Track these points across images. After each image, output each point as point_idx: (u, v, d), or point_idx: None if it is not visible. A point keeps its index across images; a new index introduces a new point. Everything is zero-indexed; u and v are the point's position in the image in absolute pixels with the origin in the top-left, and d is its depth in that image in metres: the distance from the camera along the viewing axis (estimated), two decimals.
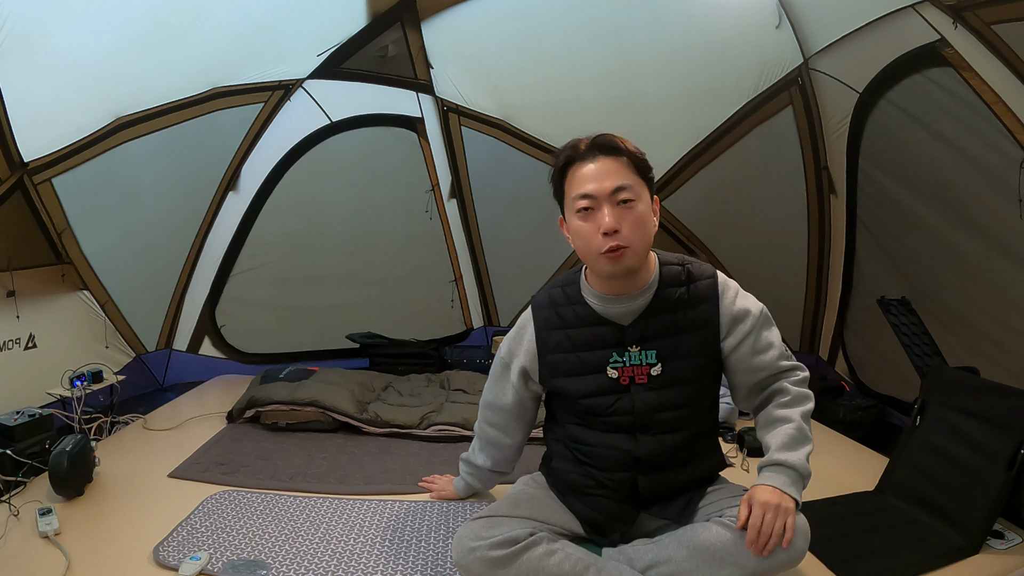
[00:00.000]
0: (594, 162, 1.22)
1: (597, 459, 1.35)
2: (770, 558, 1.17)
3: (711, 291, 1.31)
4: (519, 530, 1.27)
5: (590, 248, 1.23)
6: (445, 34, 3.08)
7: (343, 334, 3.43)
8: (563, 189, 1.28)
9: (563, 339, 1.34)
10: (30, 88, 2.21)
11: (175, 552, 1.44)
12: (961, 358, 2.19)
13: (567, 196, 1.26)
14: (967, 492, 1.58)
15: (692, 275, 1.32)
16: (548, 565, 1.22)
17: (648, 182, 1.27)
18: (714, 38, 2.84)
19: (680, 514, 1.33)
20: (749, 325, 1.32)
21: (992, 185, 2.05)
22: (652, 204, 1.26)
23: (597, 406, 1.32)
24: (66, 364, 2.47)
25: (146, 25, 2.41)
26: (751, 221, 3.34)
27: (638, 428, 1.31)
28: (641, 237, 1.22)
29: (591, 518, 1.37)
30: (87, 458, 1.80)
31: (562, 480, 1.41)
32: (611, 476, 1.34)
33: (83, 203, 2.66)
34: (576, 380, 1.33)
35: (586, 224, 1.22)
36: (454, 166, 3.56)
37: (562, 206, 1.30)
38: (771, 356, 1.35)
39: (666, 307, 1.29)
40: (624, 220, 1.20)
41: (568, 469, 1.40)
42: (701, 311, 1.30)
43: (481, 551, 1.23)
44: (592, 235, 1.21)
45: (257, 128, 3.10)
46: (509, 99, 3.31)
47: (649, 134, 3.26)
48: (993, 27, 1.87)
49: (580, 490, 1.38)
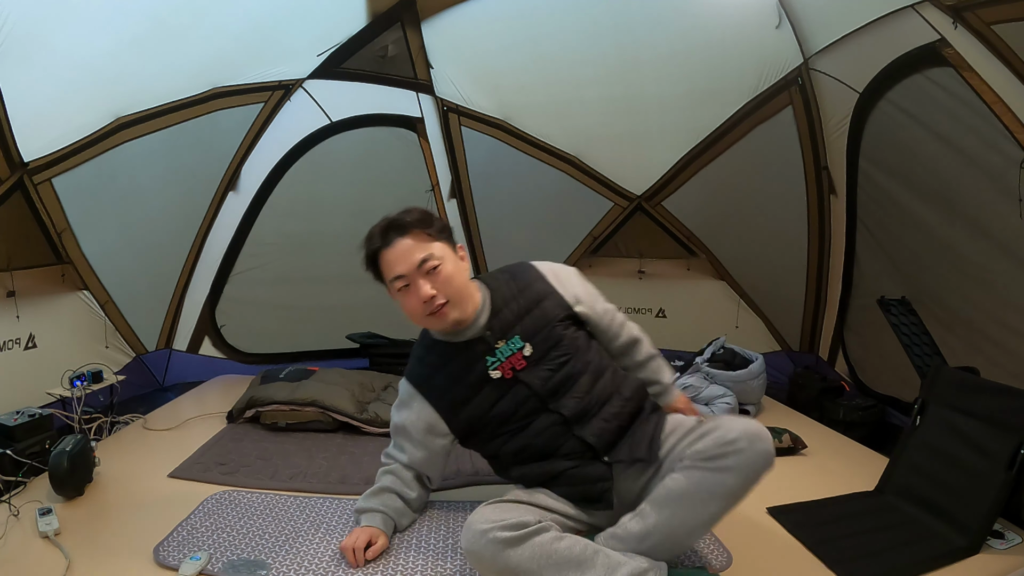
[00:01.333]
0: (394, 245, 1.43)
1: (543, 448, 1.44)
2: (744, 467, 1.25)
3: (532, 272, 1.56)
4: (528, 516, 1.30)
5: (418, 315, 1.44)
6: (445, 34, 3.08)
7: (343, 334, 3.43)
8: (379, 272, 1.48)
9: (444, 379, 1.49)
10: (30, 88, 2.21)
11: (175, 552, 1.44)
12: (961, 358, 2.19)
13: (385, 279, 1.46)
14: (967, 492, 1.58)
15: (512, 271, 1.57)
16: (558, 548, 1.24)
17: (443, 235, 1.47)
18: (714, 38, 2.84)
19: (649, 450, 1.41)
20: (577, 279, 1.59)
21: (992, 185, 2.05)
22: (456, 251, 1.47)
23: (504, 412, 1.45)
24: (66, 364, 2.47)
25: (146, 25, 2.41)
26: (751, 221, 3.34)
27: (549, 400, 1.43)
28: (455, 289, 1.42)
29: (578, 492, 1.43)
30: (87, 458, 1.79)
31: (534, 480, 1.47)
32: (562, 449, 1.43)
33: (83, 203, 2.66)
34: (474, 404, 1.47)
35: (408, 298, 1.43)
36: (454, 166, 3.56)
37: (384, 284, 1.48)
38: (607, 305, 1.61)
39: (505, 302, 1.49)
40: (436, 283, 1.40)
41: (532, 472, 1.46)
42: (535, 289, 1.52)
43: (492, 532, 1.25)
44: (416, 305, 1.42)
45: (257, 128, 3.10)
46: (509, 99, 3.30)
47: (649, 134, 3.28)
48: (993, 27, 1.87)
49: (552, 476, 1.44)
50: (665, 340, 3.53)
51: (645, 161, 3.40)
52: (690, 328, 3.44)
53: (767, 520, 1.65)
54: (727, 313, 3.57)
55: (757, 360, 2.58)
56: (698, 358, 2.63)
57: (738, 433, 1.26)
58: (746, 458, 1.25)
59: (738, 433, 1.26)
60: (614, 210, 3.62)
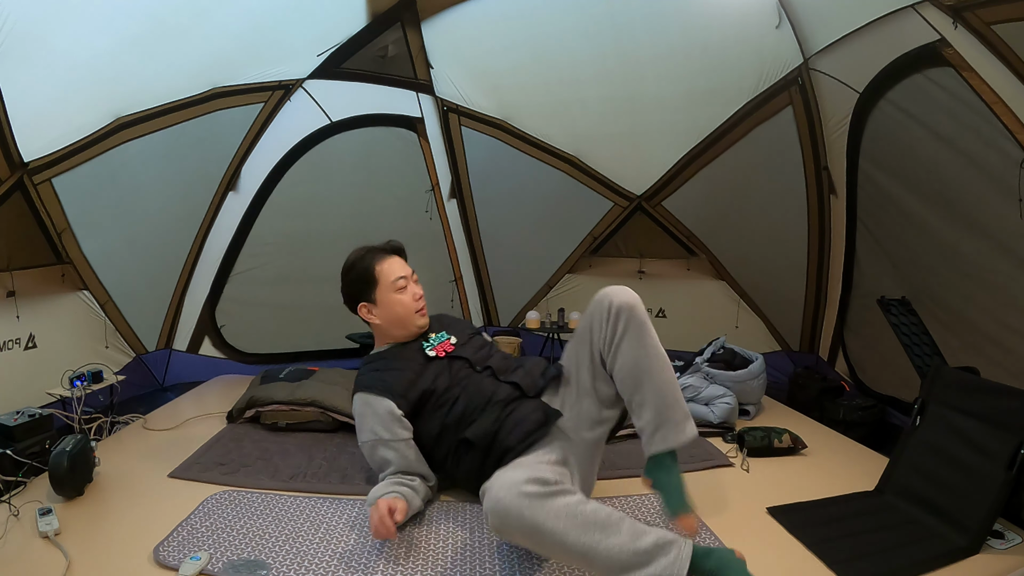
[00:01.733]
0: (392, 257, 1.86)
1: (482, 399, 1.69)
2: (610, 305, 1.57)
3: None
4: (552, 475, 1.32)
5: (409, 310, 1.82)
6: (445, 34, 3.08)
7: (343, 334, 3.43)
8: (374, 279, 1.80)
9: (394, 371, 1.76)
10: (30, 88, 2.21)
11: (175, 552, 1.44)
12: (961, 358, 2.19)
13: (382, 283, 1.80)
14: (967, 492, 1.58)
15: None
16: (584, 510, 1.25)
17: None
18: (714, 38, 2.84)
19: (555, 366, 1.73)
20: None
21: (992, 185, 2.05)
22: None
23: (445, 381, 1.75)
24: (66, 364, 2.47)
25: (146, 25, 2.41)
26: (751, 221, 3.34)
27: (478, 364, 1.80)
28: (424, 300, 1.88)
29: (527, 424, 1.59)
30: (87, 458, 1.79)
31: (491, 439, 1.61)
32: (497, 395, 1.69)
33: (83, 203, 2.66)
34: (423, 379, 1.75)
35: (403, 296, 1.82)
36: (454, 166, 3.56)
37: (365, 297, 1.81)
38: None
39: (436, 319, 1.95)
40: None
41: (484, 431, 1.62)
42: (455, 317, 2.05)
43: (522, 487, 1.24)
44: (411, 301, 1.82)
45: (257, 128, 3.10)
46: (509, 99, 3.31)
47: (649, 134, 3.28)
48: (993, 27, 1.87)
49: (500, 425, 1.61)
50: (665, 340, 3.48)
51: (645, 161, 3.40)
52: (690, 328, 3.44)
53: (767, 520, 1.65)
54: (727, 313, 3.57)
55: (757, 360, 2.58)
56: (698, 358, 2.63)
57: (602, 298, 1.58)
58: (608, 298, 1.55)
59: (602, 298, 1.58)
60: (614, 210, 3.62)
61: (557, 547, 1.23)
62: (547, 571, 1.40)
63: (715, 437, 2.29)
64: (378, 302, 1.81)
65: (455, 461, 1.70)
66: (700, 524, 1.60)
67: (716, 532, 1.56)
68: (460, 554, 1.46)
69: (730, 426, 2.35)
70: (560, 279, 3.86)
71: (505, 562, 1.43)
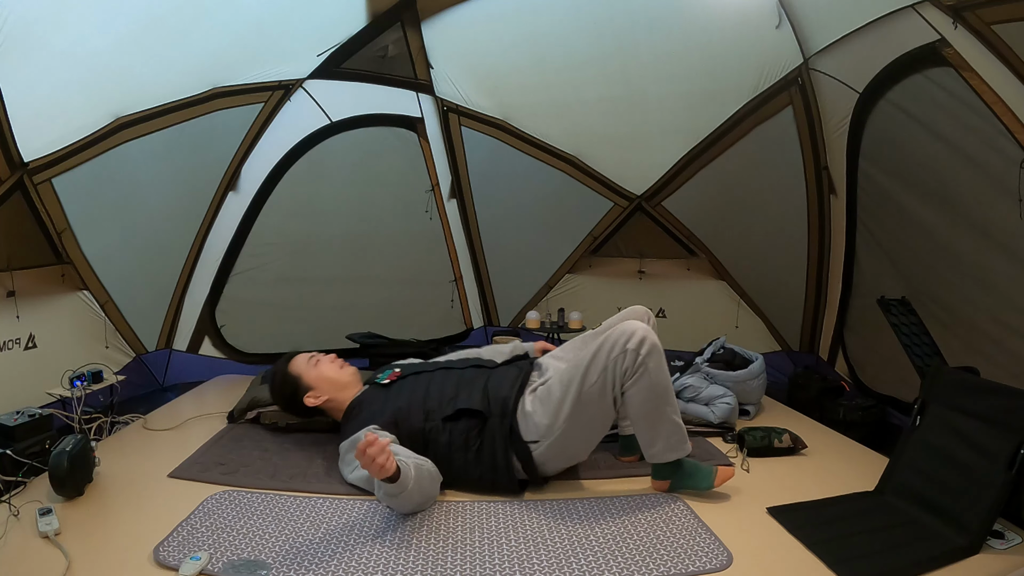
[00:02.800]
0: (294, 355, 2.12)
1: (449, 386, 1.90)
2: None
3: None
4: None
5: (333, 368, 2.07)
6: (445, 34, 3.08)
7: (343, 334, 3.43)
8: (296, 374, 2.05)
9: (366, 414, 1.89)
10: (30, 88, 2.21)
11: (175, 552, 1.44)
12: (961, 358, 2.19)
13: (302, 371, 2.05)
14: (967, 492, 1.58)
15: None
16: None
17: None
18: (714, 38, 2.85)
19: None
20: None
21: (992, 185, 2.05)
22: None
23: (406, 394, 1.92)
24: (66, 364, 2.47)
25: (146, 25, 2.41)
26: (751, 221, 3.34)
27: (433, 367, 2.07)
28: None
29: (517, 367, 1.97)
30: (87, 458, 1.79)
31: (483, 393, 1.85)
32: (467, 376, 1.94)
33: (83, 203, 2.66)
34: (386, 403, 1.90)
35: (321, 365, 2.06)
36: (454, 166, 3.56)
37: (302, 391, 2.02)
38: None
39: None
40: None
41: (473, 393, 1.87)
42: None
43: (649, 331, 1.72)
44: (327, 364, 2.07)
45: (257, 128, 3.10)
46: (509, 99, 3.31)
47: (649, 134, 3.28)
48: (993, 27, 1.87)
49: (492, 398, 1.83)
50: (665, 340, 3.49)
51: (645, 161, 3.40)
52: (690, 328, 3.45)
53: (767, 520, 1.64)
54: (727, 313, 3.57)
55: (757, 360, 2.58)
56: (698, 358, 2.62)
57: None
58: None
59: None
60: (614, 210, 3.62)
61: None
62: (547, 571, 1.40)
63: (715, 437, 2.29)
64: (312, 384, 2.01)
65: (452, 441, 1.79)
66: (704, 528, 1.60)
67: (716, 532, 1.55)
68: (460, 554, 1.46)
69: (730, 426, 2.35)
70: (560, 279, 3.86)
71: (505, 562, 1.43)
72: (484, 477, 1.77)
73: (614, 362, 1.68)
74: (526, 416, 1.78)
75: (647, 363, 1.67)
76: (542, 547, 1.49)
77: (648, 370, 1.68)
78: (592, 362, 1.71)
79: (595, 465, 2.00)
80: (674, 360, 2.66)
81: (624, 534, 1.55)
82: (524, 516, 1.65)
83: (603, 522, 1.62)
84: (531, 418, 1.77)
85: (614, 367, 1.69)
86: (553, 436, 1.73)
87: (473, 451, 1.77)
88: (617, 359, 1.68)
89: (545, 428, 1.74)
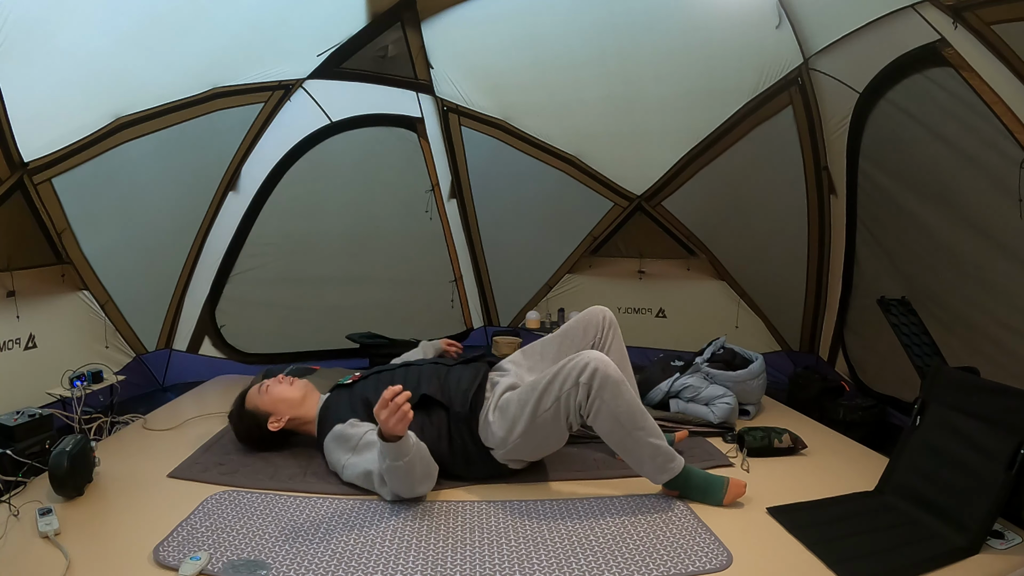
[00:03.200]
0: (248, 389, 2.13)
1: (412, 378, 1.93)
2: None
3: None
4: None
5: (282, 387, 2.05)
6: (445, 34, 3.08)
7: (343, 334, 3.43)
8: (251, 405, 2.05)
9: (336, 413, 1.96)
10: (30, 88, 2.21)
11: (175, 552, 1.44)
12: (961, 358, 2.19)
13: (257, 400, 2.04)
14: (967, 492, 1.58)
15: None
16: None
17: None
18: (714, 38, 2.85)
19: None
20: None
21: (992, 185, 2.05)
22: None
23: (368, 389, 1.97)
24: (66, 364, 2.47)
25: (146, 25, 2.41)
26: (751, 221, 3.34)
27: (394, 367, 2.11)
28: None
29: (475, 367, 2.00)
30: (87, 458, 1.79)
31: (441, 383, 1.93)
32: (427, 372, 1.98)
33: (83, 203, 2.66)
34: (353, 397, 1.98)
35: (272, 387, 2.05)
36: (454, 166, 3.56)
37: (262, 418, 2.02)
38: None
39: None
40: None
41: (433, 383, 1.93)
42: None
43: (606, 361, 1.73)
44: (276, 385, 2.06)
45: (257, 128, 3.10)
46: (509, 99, 3.31)
47: (649, 134, 3.28)
48: (993, 27, 1.87)
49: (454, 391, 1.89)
50: (665, 340, 3.54)
51: (645, 161, 3.40)
52: (690, 328, 3.45)
53: (767, 520, 1.65)
54: (727, 313, 3.57)
55: (757, 360, 2.57)
56: (698, 358, 2.62)
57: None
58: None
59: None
60: (614, 210, 3.62)
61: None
62: (547, 571, 1.40)
63: (715, 437, 2.29)
64: (269, 410, 2.02)
65: (425, 434, 1.80)
66: (704, 528, 1.60)
67: (716, 532, 1.56)
68: (460, 554, 1.46)
69: (730, 426, 2.35)
70: (560, 279, 3.86)
71: (505, 562, 1.43)
72: (460, 467, 1.86)
73: (567, 395, 1.71)
74: (488, 424, 1.83)
75: (601, 395, 1.68)
76: (542, 547, 1.49)
77: (604, 401, 1.68)
78: (547, 390, 1.74)
79: (595, 465, 2.00)
80: (674, 360, 2.66)
81: (624, 534, 1.55)
82: (524, 516, 1.65)
83: (603, 522, 1.62)
84: (490, 427, 1.83)
85: (567, 399, 1.71)
86: (507, 447, 1.81)
87: (446, 442, 1.84)
88: (570, 392, 1.70)
89: (500, 440, 1.80)
